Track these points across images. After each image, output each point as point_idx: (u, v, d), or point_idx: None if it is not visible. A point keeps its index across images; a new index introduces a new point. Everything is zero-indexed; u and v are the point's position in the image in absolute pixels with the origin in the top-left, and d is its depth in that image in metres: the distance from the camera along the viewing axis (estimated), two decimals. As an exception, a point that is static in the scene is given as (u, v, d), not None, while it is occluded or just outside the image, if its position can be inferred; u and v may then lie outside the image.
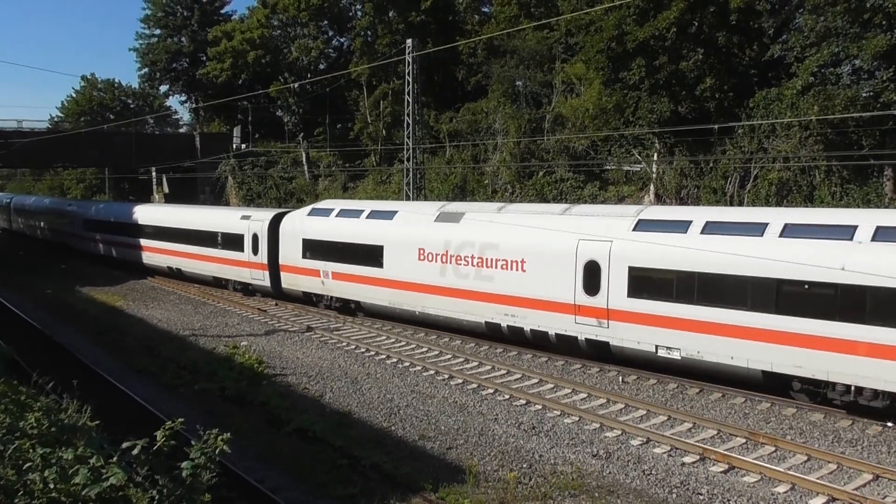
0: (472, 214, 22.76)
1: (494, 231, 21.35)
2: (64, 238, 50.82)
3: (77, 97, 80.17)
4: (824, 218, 16.54)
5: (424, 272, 23.00)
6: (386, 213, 25.39)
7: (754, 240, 16.17)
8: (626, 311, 18.17)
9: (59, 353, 21.23)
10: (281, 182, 55.68)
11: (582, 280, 19.00)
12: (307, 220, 27.93)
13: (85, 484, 5.80)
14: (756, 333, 15.82)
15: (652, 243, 17.73)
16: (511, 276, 20.69)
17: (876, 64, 25.11)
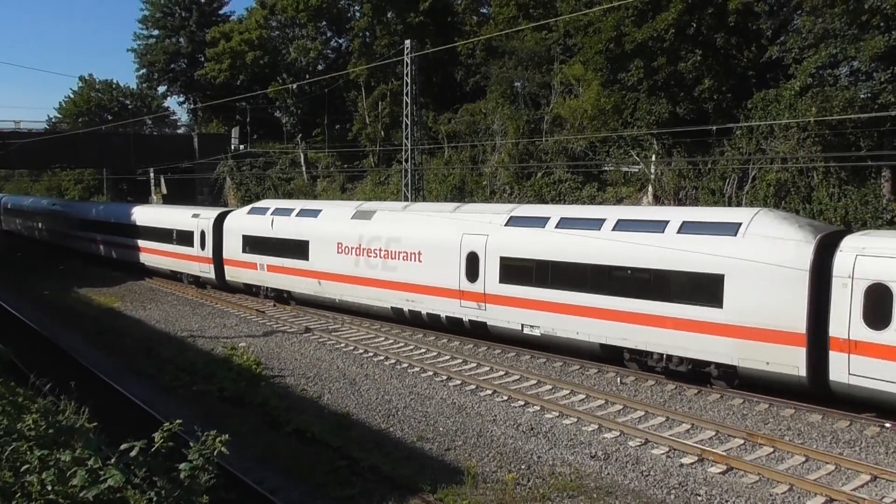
0: (381, 213, 25.76)
1: (398, 227, 24.37)
2: (43, 235, 56.45)
3: (75, 98, 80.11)
4: (646, 214, 20.13)
5: (342, 264, 25.93)
6: (312, 211, 28.34)
7: (594, 233, 19.15)
8: (498, 295, 21.08)
9: (56, 355, 21.20)
10: (279, 183, 55.68)
11: (465, 269, 21.90)
12: (247, 219, 30.86)
13: (83, 485, 5.80)
14: (595, 312, 18.75)
15: (518, 237, 20.87)
16: (411, 266, 23.49)
17: (874, 65, 25.12)
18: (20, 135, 51.70)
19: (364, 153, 53.20)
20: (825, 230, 16.80)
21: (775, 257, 15.84)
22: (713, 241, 16.89)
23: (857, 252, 14.94)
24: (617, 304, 18.24)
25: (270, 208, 30.45)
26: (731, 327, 16.41)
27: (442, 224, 23.19)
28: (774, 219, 17.04)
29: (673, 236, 17.58)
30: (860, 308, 14.70)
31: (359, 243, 25.30)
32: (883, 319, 14.35)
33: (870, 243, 15.12)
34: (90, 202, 63.36)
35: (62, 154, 54.57)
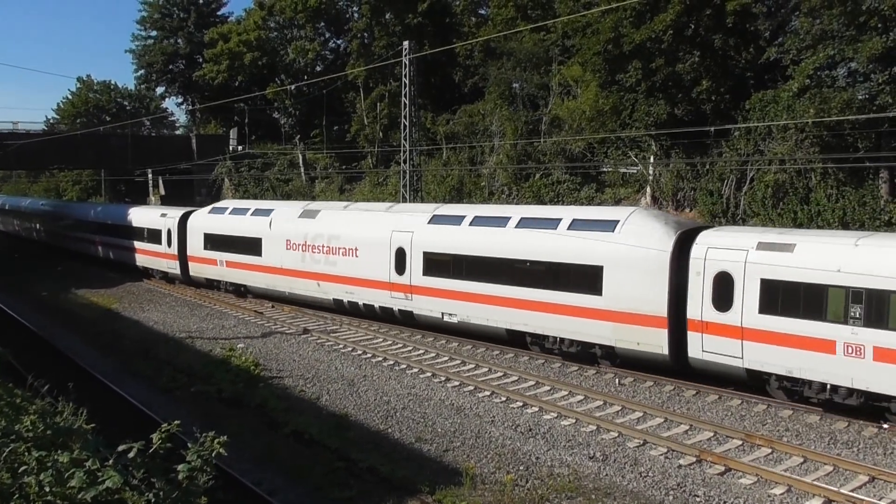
0: (325, 212, 27.88)
1: (338, 225, 26.49)
2: (30, 233, 60.49)
3: (73, 99, 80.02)
4: (544, 213, 22.23)
5: (290, 259, 27.98)
6: (265, 210, 30.49)
7: (500, 230, 21.33)
8: (422, 287, 23.16)
9: (54, 356, 21.19)
10: (277, 184, 55.65)
11: (394, 263, 23.95)
12: (207, 218, 33.04)
13: (81, 487, 5.78)
14: (501, 301, 20.82)
15: (439, 234, 22.97)
16: (349, 261, 25.61)
17: (871, 67, 25.15)
18: (18, 136, 51.62)
19: (362, 154, 53.19)
20: (686, 226, 18.95)
21: (643, 251, 17.96)
22: (595, 237, 19.02)
23: (708, 245, 17.15)
24: (519, 294, 20.43)
25: (229, 208, 32.97)
26: (610, 312, 18.54)
27: (375, 222, 25.40)
28: (646, 217, 19.32)
29: (564, 232, 19.81)
30: (710, 293, 16.83)
31: (304, 240, 27.41)
32: (727, 303, 16.51)
33: (718, 237, 17.43)
34: (75, 203, 65.23)
35: (60, 155, 54.47)
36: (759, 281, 16.04)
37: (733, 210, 29.93)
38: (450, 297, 22.32)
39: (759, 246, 16.35)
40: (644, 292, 17.88)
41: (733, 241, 16.91)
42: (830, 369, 15.03)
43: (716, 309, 16.71)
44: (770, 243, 16.31)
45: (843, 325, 14.78)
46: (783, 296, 15.74)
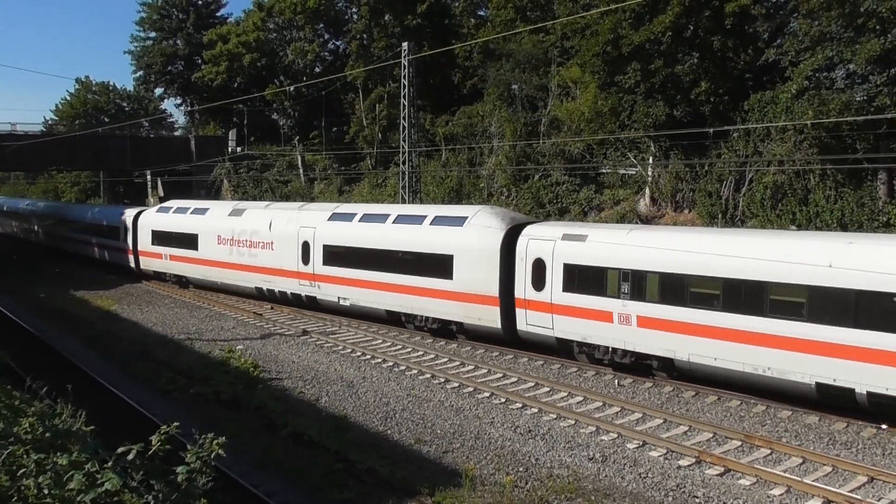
0: (249, 210, 31.28)
1: (259, 222, 29.73)
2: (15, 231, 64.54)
3: (71, 100, 80.00)
4: (414, 210, 25.70)
5: (221, 253, 31.20)
6: (202, 209, 33.98)
7: (381, 226, 24.78)
8: (323, 275, 26.59)
9: (53, 358, 21.15)
10: (276, 185, 55.65)
11: (301, 255, 27.26)
12: (155, 216, 36.52)
13: (80, 489, 5.78)
14: (382, 286, 24.30)
15: (336, 229, 26.30)
16: (267, 253, 28.99)
17: (870, 68, 25.16)
18: (16, 137, 51.59)
19: (361, 155, 53.21)
20: (518, 221, 22.10)
21: (481, 242, 21.52)
22: (449, 231, 22.55)
23: (529, 237, 20.58)
24: (394, 280, 23.87)
25: (173, 207, 36.16)
26: (459, 294, 21.97)
27: (287, 220, 28.62)
28: (487, 213, 22.63)
29: (426, 227, 23.34)
30: (530, 276, 20.26)
31: (232, 236, 30.77)
32: (541, 284, 19.97)
33: (537, 230, 20.85)
34: (50, 202, 67.70)
35: (58, 156, 54.46)
36: (562, 265, 19.60)
37: (732, 211, 29.94)
38: (344, 284, 25.85)
39: (563, 237, 19.82)
40: (482, 277, 21.45)
41: (546, 233, 20.39)
42: (610, 335, 18.68)
43: (534, 289, 20.20)
44: (570, 234, 19.88)
45: (617, 299, 18.35)
46: (578, 277, 19.32)
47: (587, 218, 35.44)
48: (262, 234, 29.16)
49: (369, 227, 25.15)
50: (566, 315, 19.52)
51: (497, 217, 22.21)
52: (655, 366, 18.04)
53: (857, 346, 14.22)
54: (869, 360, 14.05)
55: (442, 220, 23.15)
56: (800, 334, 15.17)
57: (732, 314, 16.17)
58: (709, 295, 16.68)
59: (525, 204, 37.91)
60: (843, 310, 14.41)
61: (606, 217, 34.61)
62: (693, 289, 16.95)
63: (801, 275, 15.05)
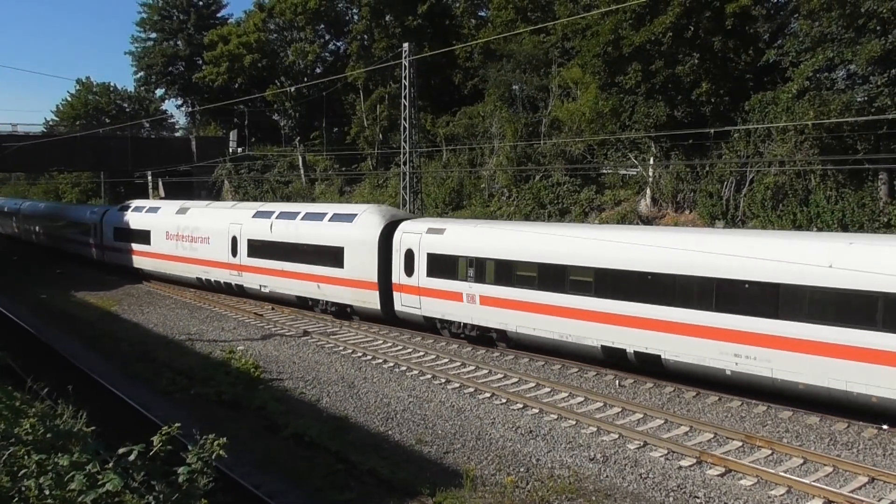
0: (192, 209, 35.08)
1: (199, 219, 33.58)
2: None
3: (72, 100, 79.98)
4: (317, 209, 28.91)
5: (169, 247, 34.96)
6: (154, 208, 38.63)
7: (292, 222, 28.20)
8: (248, 266, 30.12)
9: (54, 359, 21.16)
10: (277, 186, 55.65)
11: (230, 248, 30.75)
12: (116, 214, 40.71)
13: (81, 490, 5.78)
14: (292, 275, 27.83)
15: (258, 225, 29.73)
16: (205, 247, 32.41)
17: (870, 69, 25.14)
18: (17, 137, 51.54)
19: (362, 156, 53.22)
20: (397, 217, 25.61)
21: (363, 236, 25.07)
22: (342, 226, 26.03)
23: (402, 231, 24.09)
24: (302, 269, 27.31)
25: (132, 206, 40.23)
26: (349, 280, 25.58)
27: (221, 217, 32.28)
28: (372, 211, 26.12)
29: (326, 223, 26.81)
30: (403, 264, 23.76)
31: (178, 231, 34.34)
32: (411, 270, 23.47)
33: (409, 225, 24.31)
34: (37, 202, 70.65)
35: (59, 157, 54.45)
36: (426, 254, 23.16)
37: (733, 212, 29.94)
38: (264, 273, 29.36)
39: (427, 231, 23.44)
40: (366, 266, 24.92)
41: (415, 228, 23.98)
42: (462, 312, 22.30)
43: (406, 275, 23.66)
44: (433, 228, 23.48)
45: (465, 282, 21.94)
46: (438, 264, 22.81)
47: (588, 218, 35.45)
48: (202, 230, 32.86)
49: (283, 224, 28.61)
50: (430, 297, 23.18)
51: (378, 214, 25.73)
52: (495, 336, 21.83)
53: (626, 315, 18.06)
54: (635, 326, 17.96)
55: (337, 217, 26.66)
56: (589, 307, 18.85)
57: (545, 292, 19.84)
58: (529, 277, 20.36)
59: (526, 205, 37.91)
60: (616, 286, 18.29)
61: (607, 218, 34.63)
62: (518, 272, 20.66)
63: (589, 260, 18.94)
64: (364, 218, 25.59)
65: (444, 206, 42.93)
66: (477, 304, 21.65)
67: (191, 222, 33.74)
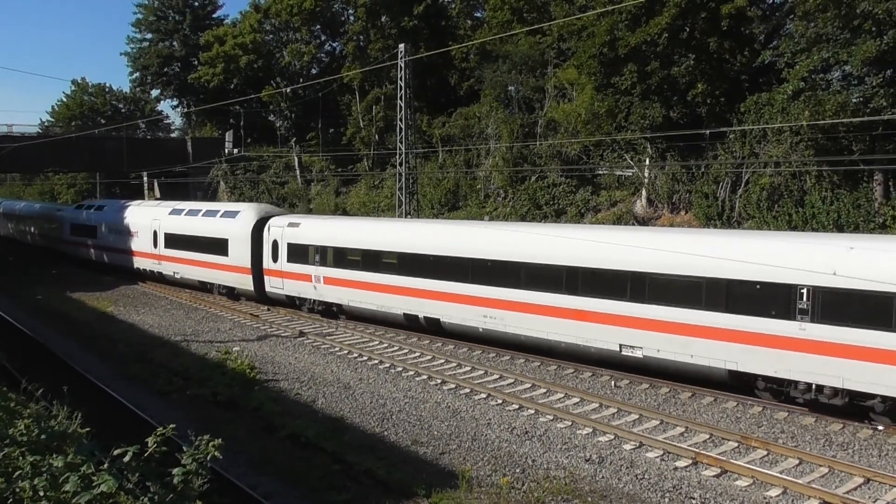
0: (130, 207, 40.64)
1: (131, 216, 39.08)
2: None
3: (68, 101, 79.86)
4: (213, 207, 35.22)
5: (112, 240, 40.59)
6: (100, 206, 44.67)
7: (196, 218, 33.58)
8: (165, 256, 35.31)
9: (49, 360, 21.10)
10: (273, 187, 55.58)
11: (153, 241, 36.00)
12: (75, 212, 47.41)
13: (75, 491, 5.76)
14: (196, 263, 32.88)
15: (172, 221, 35.06)
16: (135, 240, 37.80)
17: (866, 70, 25.19)
18: (12, 138, 51.39)
19: (358, 157, 53.17)
20: (270, 213, 30.70)
21: (241, 229, 30.11)
22: (227, 221, 31.17)
23: (271, 225, 28.96)
24: (201, 258, 32.33)
25: (85, 205, 47.58)
26: (232, 267, 30.64)
27: (147, 214, 37.95)
28: (250, 208, 31.82)
29: (218, 219, 31.96)
30: (271, 252, 28.71)
31: (116, 227, 39.87)
32: (276, 258, 28.47)
33: (276, 220, 29.20)
34: (18, 200, 76.45)
35: (55, 158, 54.27)
36: (287, 244, 28.06)
37: (728, 212, 29.98)
38: (175, 262, 34.46)
39: (288, 224, 28.44)
40: (243, 254, 30.03)
41: (280, 222, 28.91)
42: (312, 291, 27.04)
43: (273, 262, 28.64)
44: (293, 222, 28.49)
45: (314, 266, 26.78)
46: (296, 252, 27.65)
47: (583, 219, 35.46)
48: (133, 225, 38.06)
49: (189, 220, 33.87)
50: (290, 279, 28.06)
51: (253, 211, 30.99)
52: (336, 310, 26.71)
53: (418, 289, 23.04)
54: (423, 297, 22.89)
55: (225, 214, 31.92)
56: (394, 283, 23.76)
57: (367, 273, 24.83)
58: (356, 261, 25.41)
59: (522, 206, 37.92)
60: (411, 267, 23.23)
61: (603, 218, 34.66)
62: (349, 257, 25.69)
63: (394, 246, 24.14)
64: (243, 214, 30.90)
65: (440, 208, 42.93)
66: (322, 283, 26.69)
67: (128, 219, 38.92)
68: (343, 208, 49.66)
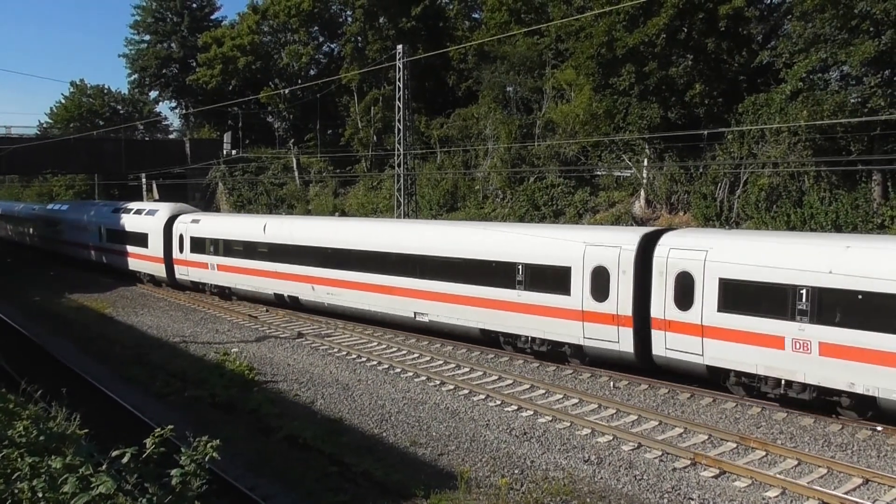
0: (87, 207, 46.62)
1: (84, 214, 44.52)
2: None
3: (66, 103, 79.70)
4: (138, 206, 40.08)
5: (71, 235, 46.30)
6: (62, 206, 52.32)
7: (118, 214, 39.27)
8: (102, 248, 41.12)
9: (47, 361, 21.08)
10: (271, 188, 55.55)
11: (100, 237, 41.27)
12: (46, 210, 54.22)
13: (74, 493, 5.76)
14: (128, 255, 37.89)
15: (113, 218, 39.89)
16: (87, 235, 43.22)
17: (863, 70, 25.24)
18: (11, 140, 51.36)
19: (356, 158, 53.16)
20: (182, 211, 35.53)
21: (157, 225, 35.06)
22: (150, 218, 36.08)
23: (178, 221, 34.00)
24: (132, 251, 37.42)
25: (31, 206, 61.17)
26: (151, 257, 35.59)
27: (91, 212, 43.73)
28: (166, 207, 36.55)
29: (133, 216, 37.92)
30: (178, 246, 33.55)
31: (76, 224, 45.29)
32: (182, 249, 33.30)
33: (182, 217, 33.94)
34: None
35: (53, 159, 54.16)
36: (189, 237, 32.82)
37: (727, 213, 30.00)
38: (113, 254, 39.82)
39: (191, 221, 33.22)
40: (156, 246, 34.87)
41: (185, 219, 33.73)
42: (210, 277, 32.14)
43: (179, 252, 33.45)
44: (194, 219, 33.42)
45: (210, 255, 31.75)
46: (196, 244, 32.31)
47: (582, 220, 35.47)
48: (83, 223, 43.87)
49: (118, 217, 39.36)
50: (193, 267, 32.90)
51: (168, 210, 35.86)
52: (227, 293, 31.53)
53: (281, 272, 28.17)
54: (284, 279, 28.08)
55: (147, 212, 37.27)
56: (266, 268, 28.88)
57: (247, 260, 29.77)
58: (239, 251, 30.25)
59: (520, 206, 37.91)
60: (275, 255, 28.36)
61: (601, 219, 34.68)
62: (234, 248, 30.48)
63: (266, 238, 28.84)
64: (160, 212, 35.95)
65: (438, 208, 42.92)
66: (216, 270, 31.60)
67: (80, 217, 44.77)
68: (342, 209, 49.63)
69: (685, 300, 16.90)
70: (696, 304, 16.67)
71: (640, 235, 18.45)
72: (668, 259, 17.25)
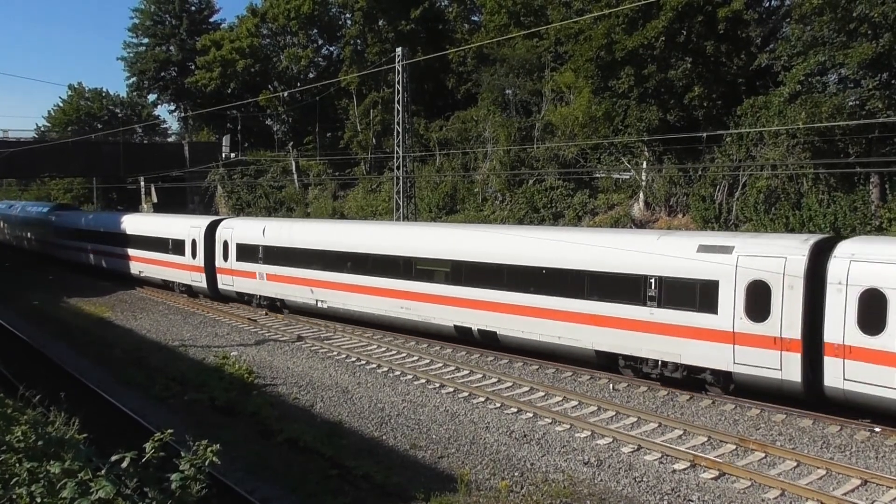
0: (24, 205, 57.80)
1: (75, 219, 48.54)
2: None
3: (64, 106, 79.76)
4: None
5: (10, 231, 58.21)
6: (11, 205, 60.58)
7: (79, 212, 51.75)
8: (60, 244, 47.06)
9: (46, 365, 21.06)
10: (270, 191, 55.56)
11: (55, 235, 48.10)
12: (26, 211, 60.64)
13: (73, 498, 5.75)
14: (94, 251, 42.38)
15: (67, 218, 47.35)
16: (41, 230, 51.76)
17: (862, 73, 25.26)
18: (8, 143, 51.44)
19: (355, 161, 53.19)
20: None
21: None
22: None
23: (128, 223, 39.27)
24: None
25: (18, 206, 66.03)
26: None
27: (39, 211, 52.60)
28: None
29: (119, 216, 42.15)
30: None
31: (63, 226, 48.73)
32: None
33: (131, 219, 39.92)
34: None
35: (51, 163, 54.22)
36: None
37: (726, 215, 30.03)
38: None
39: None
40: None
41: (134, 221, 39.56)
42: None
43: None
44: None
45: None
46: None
47: (581, 222, 35.49)
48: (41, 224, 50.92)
49: (75, 216, 44.49)
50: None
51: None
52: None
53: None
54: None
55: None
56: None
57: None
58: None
59: (520, 209, 37.93)
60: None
61: (601, 221, 34.69)
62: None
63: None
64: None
65: (437, 211, 42.93)
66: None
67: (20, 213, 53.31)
68: (341, 212, 49.64)
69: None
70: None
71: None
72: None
